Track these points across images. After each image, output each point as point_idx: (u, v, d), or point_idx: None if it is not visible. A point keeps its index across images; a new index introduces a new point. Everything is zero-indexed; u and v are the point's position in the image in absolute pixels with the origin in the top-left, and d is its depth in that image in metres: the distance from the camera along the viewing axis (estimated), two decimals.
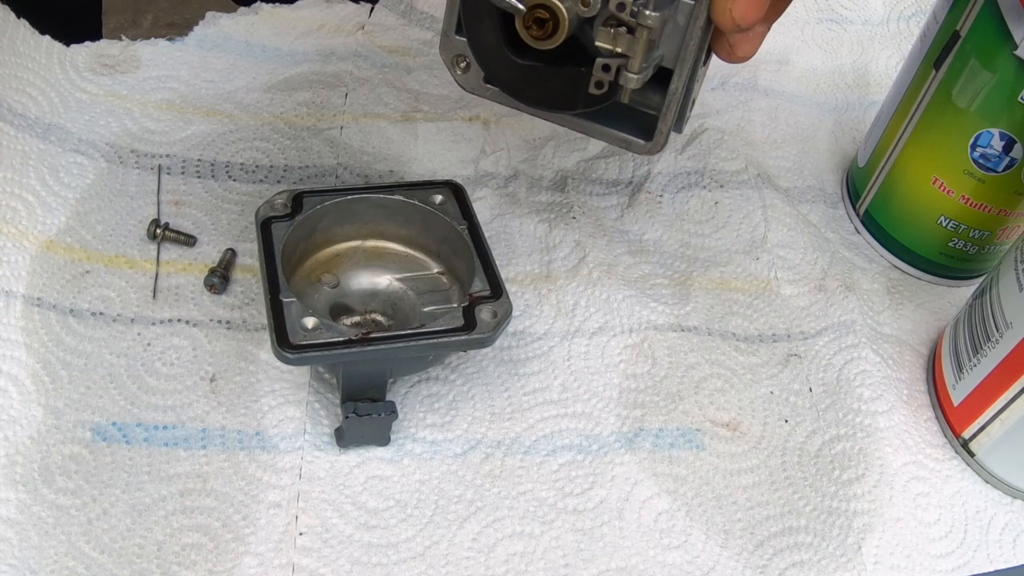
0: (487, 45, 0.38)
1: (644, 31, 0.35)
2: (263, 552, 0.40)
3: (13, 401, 0.43)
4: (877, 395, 0.49)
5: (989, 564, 0.44)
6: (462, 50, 0.39)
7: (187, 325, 0.47)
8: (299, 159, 0.55)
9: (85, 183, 0.51)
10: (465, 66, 0.40)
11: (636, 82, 0.36)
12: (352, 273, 0.47)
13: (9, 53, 0.53)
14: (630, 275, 0.52)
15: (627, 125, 0.40)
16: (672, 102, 0.38)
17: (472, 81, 0.40)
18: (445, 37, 0.40)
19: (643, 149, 0.40)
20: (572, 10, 0.35)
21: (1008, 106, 0.47)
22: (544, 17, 0.35)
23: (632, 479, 0.44)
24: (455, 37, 0.39)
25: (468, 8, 0.38)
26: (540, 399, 0.47)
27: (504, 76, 0.39)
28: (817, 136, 0.63)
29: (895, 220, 0.55)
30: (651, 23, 0.35)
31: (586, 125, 0.40)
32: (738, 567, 0.42)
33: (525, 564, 0.41)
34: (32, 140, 0.51)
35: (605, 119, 0.40)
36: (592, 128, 0.40)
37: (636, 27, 0.35)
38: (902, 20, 0.71)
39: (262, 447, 0.43)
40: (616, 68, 0.36)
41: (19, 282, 0.46)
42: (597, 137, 0.41)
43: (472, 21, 0.38)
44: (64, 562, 0.39)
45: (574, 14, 0.35)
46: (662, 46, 0.37)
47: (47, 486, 0.41)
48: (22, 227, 0.48)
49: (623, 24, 0.35)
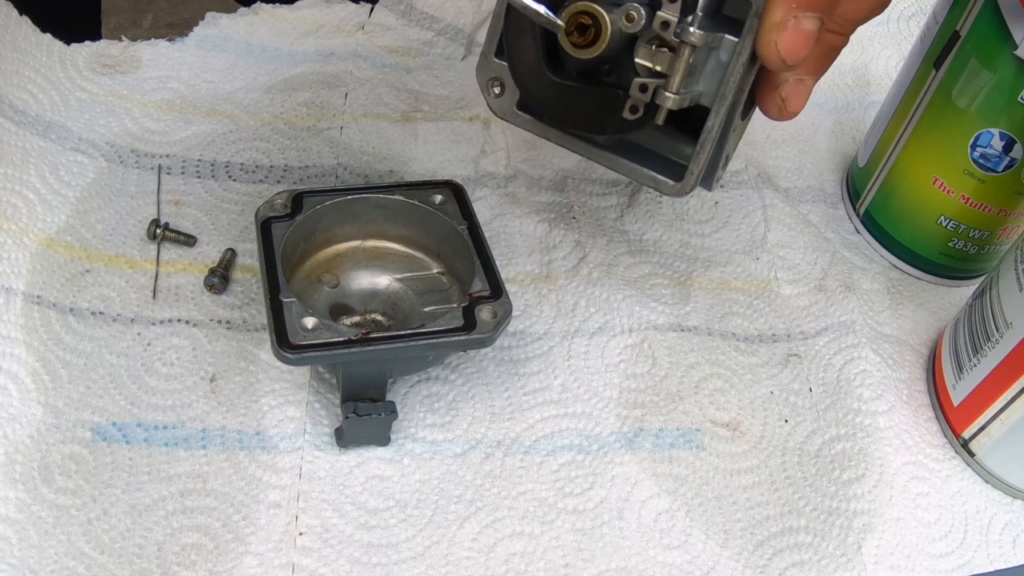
0: (525, 64, 0.38)
1: (686, 48, 0.35)
2: (263, 552, 0.40)
3: (13, 399, 0.43)
4: (877, 395, 0.49)
5: (989, 564, 0.44)
6: (499, 73, 0.39)
7: (187, 325, 0.47)
8: (299, 159, 0.55)
9: (85, 181, 0.51)
10: (500, 91, 0.40)
11: (673, 102, 0.36)
12: (352, 273, 0.47)
13: (11, 49, 0.53)
14: (630, 275, 0.52)
15: (657, 165, 0.40)
16: (706, 141, 0.38)
17: (505, 107, 0.40)
18: (484, 59, 0.39)
19: (672, 190, 0.39)
20: (616, 23, 0.35)
21: (1008, 106, 0.47)
22: (587, 24, 0.35)
23: (632, 479, 0.44)
24: (494, 60, 0.39)
25: (510, 27, 0.38)
26: (540, 399, 0.47)
27: (539, 96, 0.38)
28: (817, 136, 0.63)
29: (895, 220, 0.55)
30: (695, 40, 0.34)
31: (616, 160, 0.40)
32: (738, 567, 0.42)
33: (525, 564, 0.41)
34: (32, 137, 0.51)
35: (636, 156, 0.40)
36: (621, 164, 0.40)
37: (679, 45, 0.35)
38: (902, 20, 0.71)
39: (262, 447, 0.43)
40: (654, 89, 0.36)
41: (19, 279, 0.46)
42: (625, 174, 0.40)
43: (513, 39, 0.38)
44: (64, 562, 0.39)
45: (617, 27, 0.35)
46: (702, 82, 0.37)
47: (47, 485, 0.41)
48: (22, 224, 0.48)
49: (665, 44, 0.35)
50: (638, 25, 0.35)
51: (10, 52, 0.53)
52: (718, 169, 0.41)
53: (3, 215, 0.48)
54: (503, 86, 0.39)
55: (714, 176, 0.41)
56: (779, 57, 0.35)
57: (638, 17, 0.34)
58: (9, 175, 0.49)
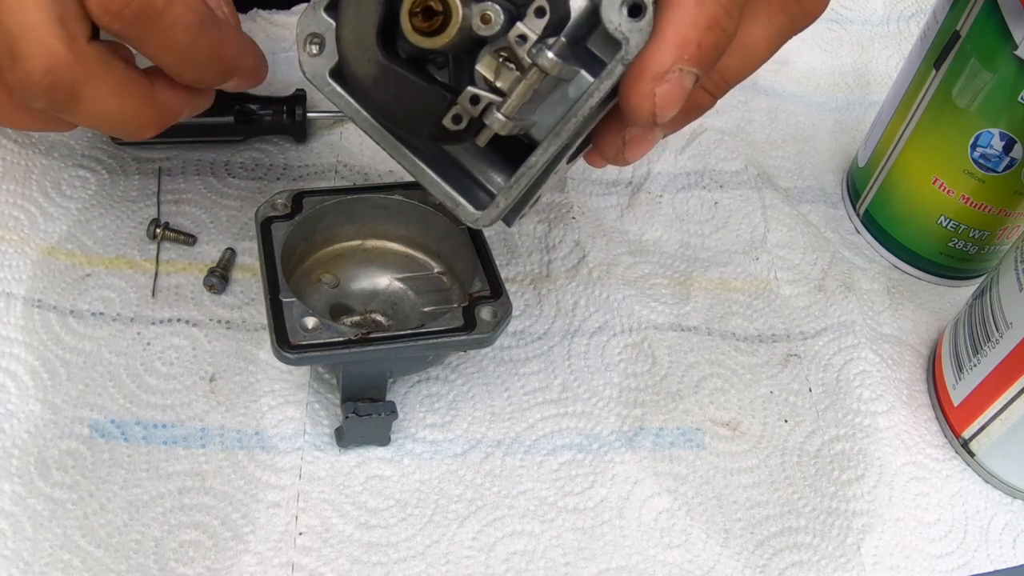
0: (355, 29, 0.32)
1: (535, 73, 0.30)
2: (262, 551, 0.40)
3: (11, 396, 0.43)
4: (877, 395, 0.49)
5: (989, 564, 0.44)
6: (323, 30, 0.34)
7: (187, 325, 0.47)
8: (299, 159, 0.55)
9: (87, 194, 0.51)
10: (317, 50, 0.34)
11: (502, 127, 0.31)
12: (352, 273, 0.47)
13: None
14: (630, 275, 0.52)
15: (462, 185, 0.36)
16: (523, 177, 0.34)
17: (318, 70, 0.35)
18: (311, 10, 0.34)
19: (469, 217, 0.35)
20: (469, 18, 0.30)
21: (1008, 106, 0.47)
22: (436, 9, 0.30)
23: (632, 478, 0.44)
24: (322, 14, 0.34)
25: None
26: (540, 399, 0.47)
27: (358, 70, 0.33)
28: (817, 136, 0.63)
29: (895, 220, 0.55)
30: (548, 67, 0.30)
31: (419, 167, 0.35)
32: (738, 566, 0.42)
33: (525, 563, 0.41)
34: (35, 156, 0.51)
35: (442, 168, 0.36)
36: (425, 173, 0.35)
37: (529, 67, 0.30)
38: (902, 20, 0.71)
39: (261, 447, 0.43)
40: (485, 105, 0.31)
41: (20, 285, 0.46)
42: (426, 185, 0.36)
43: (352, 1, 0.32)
44: (59, 555, 0.39)
45: (468, 23, 0.30)
46: (540, 113, 0.33)
47: (43, 480, 0.41)
48: (24, 234, 0.48)
49: (515, 60, 0.31)
50: (492, 29, 0.30)
51: None
52: (525, 207, 0.37)
53: (5, 226, 0.48)
54: (323, 46, 0.34)
55: (519, 213, 0.37)
56: (651, 111, 0.31)
57: (494, 20, 0.30)
58: (12, 190, 0.49)
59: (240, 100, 0.53)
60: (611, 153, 0.36)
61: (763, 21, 0.35)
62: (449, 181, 0.35)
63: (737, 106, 0.63)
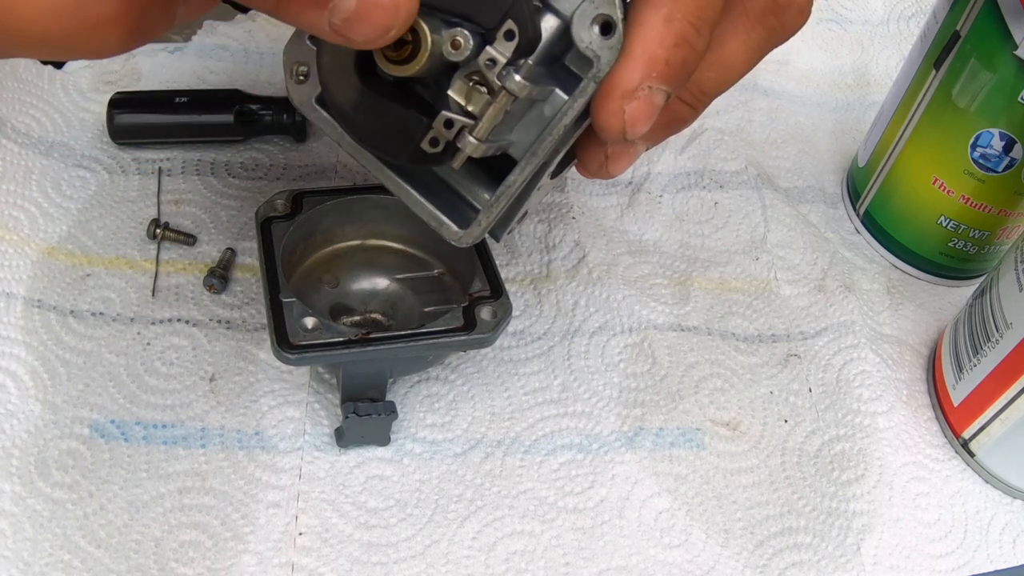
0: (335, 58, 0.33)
1: (505, 96, 0.31)
2: (262, 551, 0.40)
3: (11, 396, 0.43)
4: (877, 395, 0.49)
5: (989, 564, 0.44)
6: (307, 59, 0.35)
7: (187, 325, 0.47)
8: (299, 159, 0.55)
9: (87, 194, 0.51)
10: (304, 78, 0.35)
11: (475, 150, 0.32)
12: (352, 273, 0.47)
13: (11, 79, 0.54)
14: (630, 275, 0.52)
15: (448, 204, 0.36)
16: (503, 195, 0.34)
17: (304, 97, 0.35)
18: (296, 39, 0.35)
19: (453, 236, 0.36)
20: (439, 45, 0.30)
21: (1008, 106, 0.47)
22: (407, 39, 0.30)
23: (632, 478, 0.44)
24: (307, 43, 0.35)
25: None
26: (540, 399, 0.47)
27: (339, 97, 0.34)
28: (817, 136, 0.63)
29: (895, 220, 0.55)
30: (516, 89, 0.30)
31: (403, 188, 0.36)
32: (738, 566, 0.42)
33: (525, 563, 0.41)
34: (35, 157, 0.51)
35: (427, 188, 0.36)
36: (408, 193, 0.36)
37: (499, 90, 0.31)
38: (902, 20, 0.71)
39: (261, 447, 0.43)
40: (459, 129, 0.32)
41: (20, 285, 0.46)
42: (410, 205, 0.36)
43: None
44: (59, 555, 0.39)
45: (439, 50, 0.30)
46: (517, 132, 0.33)
47: (43, 480, 0.41)
48: (24, 235, 0.48)
49: (486, 84, 0.31)
50: (462, 54, 0.30)
51: (10, 81, 0.54)
52: (512, 222, 0.37)
53: (5, 226, 0.48)
54: (308, 74, 0.35)
55: (506, 228, 0.37)
56: (621, 128, 0.31)
57: (464, 45, 0.30)
58: (12, 191, 0.49)
59: (240, 100, 0.53)
60: (594, 167, 0.36)
61: (741, 35, 0.35)
62: (434, 200, 0.36)
63: (737, 106, 0.63)
